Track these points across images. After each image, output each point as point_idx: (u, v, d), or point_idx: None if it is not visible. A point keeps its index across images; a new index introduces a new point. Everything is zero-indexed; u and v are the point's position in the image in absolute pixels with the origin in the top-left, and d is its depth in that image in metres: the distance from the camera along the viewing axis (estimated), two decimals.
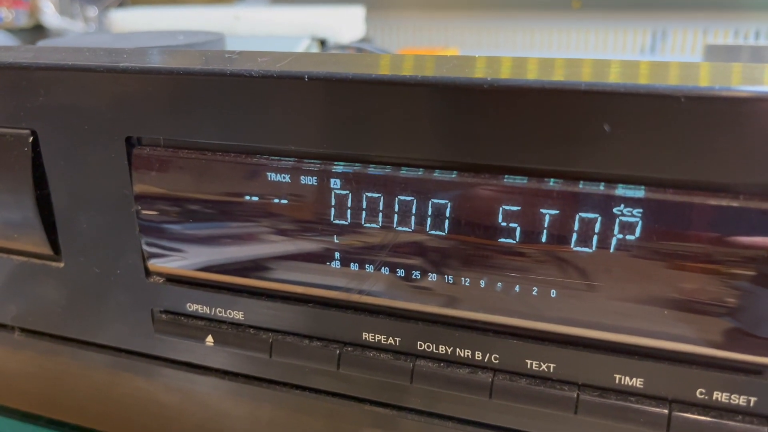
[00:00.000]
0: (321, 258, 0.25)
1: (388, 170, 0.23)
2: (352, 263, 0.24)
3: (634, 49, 0.63)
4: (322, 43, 0.49)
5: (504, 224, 0.22)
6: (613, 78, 0.20)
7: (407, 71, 0.22)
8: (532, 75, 0.20)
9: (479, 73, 0.21)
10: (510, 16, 0.65)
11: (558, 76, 0.20)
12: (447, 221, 0.23)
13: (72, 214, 0.28)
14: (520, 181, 0.21)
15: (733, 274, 0.20)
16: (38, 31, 0.80)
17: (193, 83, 0.24)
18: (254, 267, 0.26)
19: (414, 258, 0.23)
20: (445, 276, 0.23)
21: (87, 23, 0.79)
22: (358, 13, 0.53)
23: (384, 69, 0.22)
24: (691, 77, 0.20)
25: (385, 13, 0.67)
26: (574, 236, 0.21)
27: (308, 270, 0.25)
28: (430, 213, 0.23)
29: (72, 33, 0.76)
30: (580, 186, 0.21)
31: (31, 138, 0.27)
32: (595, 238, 0.21)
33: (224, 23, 0.51)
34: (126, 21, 0.54)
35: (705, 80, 0.19)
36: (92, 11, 0.81)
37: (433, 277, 0.23)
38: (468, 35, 0.66)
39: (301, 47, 0.47)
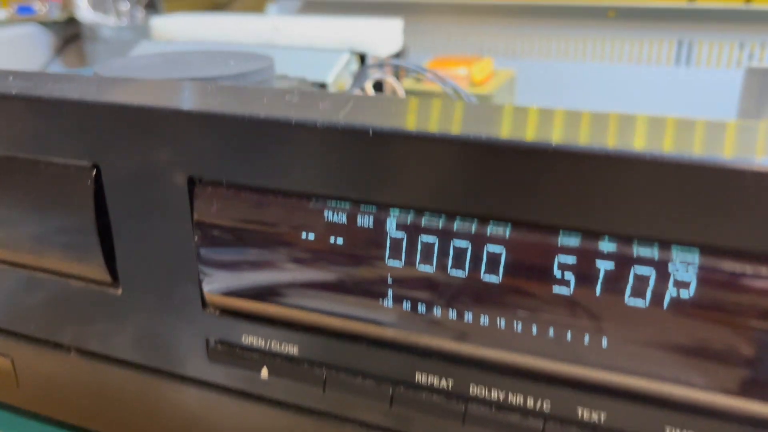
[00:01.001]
0: (374, 297, 0.25)
1: (443, 220, 0.23)
2: (404, 303, 0.25)
3: (669, 61, 0.63)
4: (362, 57, 0.50)
5: (559, 275, 0.22)
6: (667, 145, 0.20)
7: (472, 129, 0.22)
8: (591, 138, 0.21)
9: (552, 135, 0.21)
10: (545, 24, 0.65)
11: (627, 143, 0.21)
12: (501, 268, 0.23)
13: (131, 244, 0.29)
14: (575, 238, 0.22)
15: None
16: (71, 24, 0.81)
17: (257, 128, 0.24)
18: (309, 302, 0.27)
19: (467, 303, 0.24)
20: (498, 321, 0.24)
21: (119, 18, 0.80)
22: (396, 25, 0.53)
23: (455, 126, 0.23)
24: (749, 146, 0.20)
25: (420, 20, 0.67)
26: (628, 290, 0.22)
27: (362, 307, 0.26)
28: (484, 260, 0.23)
29: (105, 28, 0.77)
30: (634, 246, 0.21)
31: (94, 171, 0.28)
32: (648, 293, 0.22)
33: (263, 34, 0.52)
34: (166, 29, 0.55)
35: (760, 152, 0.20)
36: (125, 5, 0.82)
37: (485, 321, 0.24)
38: (502, 43, 0.66)
39: (341, 61, 0.47)
